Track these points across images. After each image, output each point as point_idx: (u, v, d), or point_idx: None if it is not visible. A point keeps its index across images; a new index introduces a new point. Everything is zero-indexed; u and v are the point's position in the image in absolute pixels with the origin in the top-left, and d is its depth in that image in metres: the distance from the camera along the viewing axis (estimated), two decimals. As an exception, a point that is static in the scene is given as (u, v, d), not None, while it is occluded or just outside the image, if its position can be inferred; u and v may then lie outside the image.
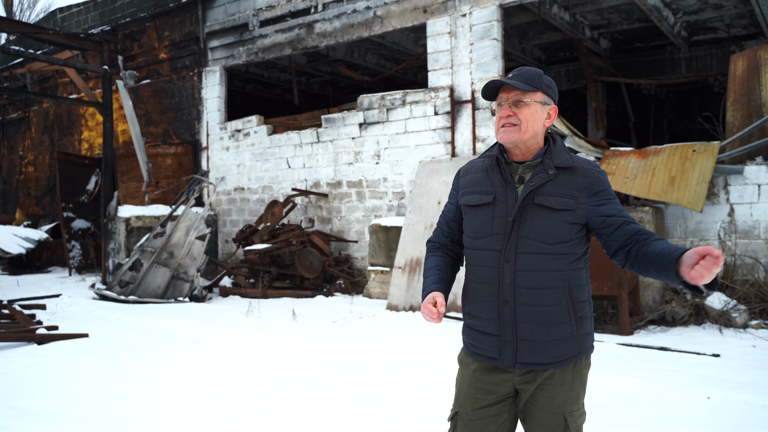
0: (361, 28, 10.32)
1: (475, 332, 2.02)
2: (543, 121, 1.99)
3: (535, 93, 1.97)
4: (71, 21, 15.92)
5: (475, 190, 2.04)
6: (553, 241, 1.90)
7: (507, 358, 1.93)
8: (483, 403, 1.98)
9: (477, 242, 2.00)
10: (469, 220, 2.04)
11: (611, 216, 1.92)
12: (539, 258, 1.90)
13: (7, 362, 5.55)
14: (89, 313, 8.36)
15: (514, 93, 1.96)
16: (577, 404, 1.95)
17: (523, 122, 1.94)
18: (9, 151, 18.11)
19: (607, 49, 12.93)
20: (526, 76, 1.99)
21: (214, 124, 12.41)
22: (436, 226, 2.21)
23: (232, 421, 3.89)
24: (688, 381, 4.62)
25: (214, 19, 12.47)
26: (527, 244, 1.91)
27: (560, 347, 1.91)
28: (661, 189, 6.86)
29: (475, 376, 2.01)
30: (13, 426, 3.80)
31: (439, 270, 2.09)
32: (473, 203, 2.02)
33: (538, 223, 1.91)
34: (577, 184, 1.93)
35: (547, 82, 2.01)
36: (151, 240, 9.92)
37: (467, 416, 1.99)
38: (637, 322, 6.75)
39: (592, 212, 1.92)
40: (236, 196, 12.02)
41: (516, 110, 1.96)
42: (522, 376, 1.95)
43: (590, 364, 2.03)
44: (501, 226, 1.94)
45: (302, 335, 6.66)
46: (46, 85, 16.48)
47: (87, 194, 13.98)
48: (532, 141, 1.99)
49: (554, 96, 2.03)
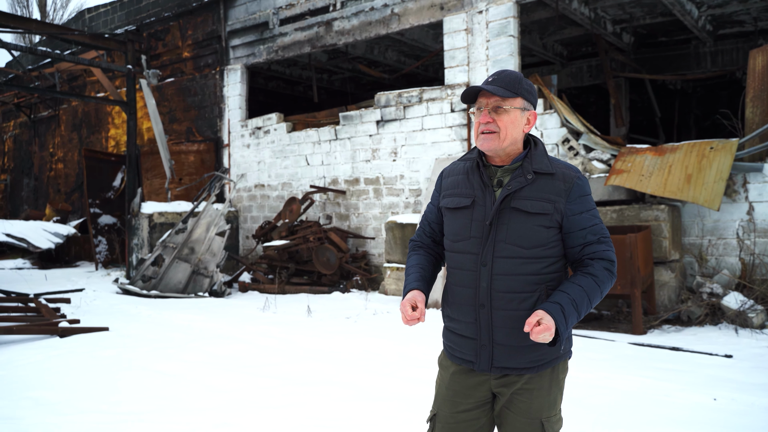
0: (378, 26, 10.36)
1: (454, 335, 2.05)
2: (522, 127, 1.98)
3: (515, 99, 1.95)
4: (98, 21, 16.27)
5: (455, 192, 2.04)
6: (530, 245, 1.91)
7: (483, 362, 1.95)
8: (461, 407, 1.99)
9: (456, 245, 2.02)
10: (449, 222, 2.05)
11: (581, 229, 1.93)
12: (516, 262, 1.91)
13: (30, 354, 5.76)
14: (112, 307, 8.58)
15: (494, 99, 1.95)
16: (554, 410, 1.96)
17: (503, 129, 1.93)
18: (40, 148, 18.61)
19: (630, 43, 12.74)
20: (506, 81, 1.96)
21: (236, 121, 12.59)
22: (419, 226, 2.22)
23: (237, 414, 3.99)
24: (696, 382, 4.58)
25: (235, 18, 12.63)
26: (504, 248, 1.91)
27: (536, 352, 1.92)
28: (677, 187, 6.77)
29: (454, 379, 2.03)
30: (29, 415, 3.96)
31: (420, 268, 2.10)
32: (452, 206, 2.03)
33: (515, 227, 1.91)
34: (555, 188, 1.93)
35: (527, 87, 1.99)
36: (173, 236, 10.13)
37: (445, 419, 2.01)
38: (651, 321, 6.68)
39: (567, 218, 1.93)
40: (257, 192, 12.19)
41: (495, 117, 1.94)
42: (499, 380, 1.96)
43: (568, 369, 2.04)
44: (479, 230, 1.95)
45: (315, 331, 6.75)
46: (75, 83, 16.88)
47: (113, 191, 14.31)
48: (512, 147, 1.98)
49: (534, 101, 2.02)
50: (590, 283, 1.88)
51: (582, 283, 1.88)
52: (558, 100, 8.47)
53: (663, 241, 6.89)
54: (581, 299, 1.85)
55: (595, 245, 1.93)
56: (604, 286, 1.91)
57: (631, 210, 7.09)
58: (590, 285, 1.88)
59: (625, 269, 6.24)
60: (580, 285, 1.87)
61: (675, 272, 6.98)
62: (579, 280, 1.89)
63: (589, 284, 1.88)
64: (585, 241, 1.93)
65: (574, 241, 1.94)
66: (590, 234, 1.93)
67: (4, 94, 18.87)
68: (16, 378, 4.91)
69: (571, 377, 4.69)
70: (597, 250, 1.92)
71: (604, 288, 1.91)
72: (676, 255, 7.10)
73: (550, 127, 8.33)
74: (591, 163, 7.66)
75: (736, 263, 7.03)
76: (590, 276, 1.89)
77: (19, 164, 19.61)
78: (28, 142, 19.13)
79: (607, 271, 1.91)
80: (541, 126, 8.41)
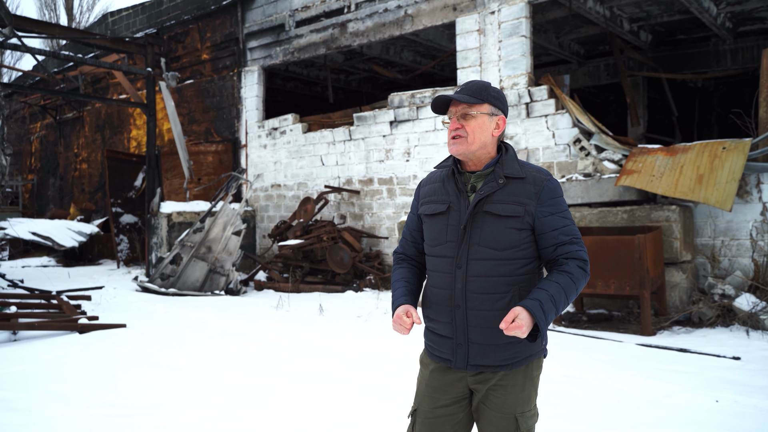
0: (392, 27, 10.44)
1: (432, 335, 2.14)
2: (492, 131, 2.07)
3: (481, 105, 2.05)
4: (121, 24, 16.60)
5: (432, 199, 2.14)
6: (502, 247, 1.99)
7: (459, 360, 2.04)
8: (439, 402, 2.08)
9: (433, 249, 2.11)
10: (427, 228, 2.15)
11: (553, 230, 2.00)
12: (489, 264, 1.99)
13: (50, 349, 5.96)
14: (131, 304, 8.80)
15: (462, 106, 2.05)
16: (529, 405, 2.04)
17: (470, 134, 2.03)
18: (65, 148, 19.05)
19: (647, 41, 12.63)
20: (472, 89, 2.07)
21: (253, 122, 12.77)
22: (402, 236, 2.32)
23: (244, 410, 4.11)
24: (700, 383, 4.58)
25: (252, 20, 12.81)
26: (478, 251, 2.00)
27: (510, 351, 2.01)
28: (688, 187, 6.74)
29: (433, 376, 2.12)
30: (44, 408, 4.13)
31: (406, 282, 2.20)
32: (430, 212, 2.12)
33: (488, 231, 2.00)
34: (526, 191, 2.01)
35: (494, 93, 2.08)
36: (191, 235, 10.33)
37: (425, 414, 2.10)
38: (662, 322, 6.66)
39: (538, 220, 2.01)
40: (273, 192, 12.35)
41: (464, 122, 2.04)
42: (475, 377, 2.05)
43: (542, 367, 2.12)
44: (454, 234, 2.04)
45: (326, 329, 6.86)
46: (99, 85, 17.25)
47: (134, 190, 14.61)
48: (482, 152, 2.07)
49: (502, 107, 2.10)
50: (567, 280, 1.96)
51: (559, 281, 1.96)
52: (569, 100, 8.46)
53: (674, 241, 6.87)
54: (559, 296, 1.93)
55: (568, 245, 2.01)
56: (579, 284, 1.99)
57: (642, 210, 7.07)
58: (567, 282, 1.96)
59: (634, 270, 6.24)
60: (557, 282, 1.96)
61: (686, 273, 6.95)
62: (556, 277, 1.97)
63: (566, 281, 1.96)
64: (558, 242, 2.01)
65: (547, 242, 2.02)
66: (562, 234, 2.01)
67: (31, 97, 19.36)
68: (36, 372, 5.10)
69: (573, 377, 4.74)
70: (570, 250, 2.01)
71: (579, 285, 1.99)
72: (688, 256, 7.06)
73: (561, 127, 8.33)
74: (602, 163, 7.65)
75: (749, 264, 6.97)
76: (566, 274, 1.98)
77: (45, 164, 20.10)
78: (54, 142, 19.60)
79: (581, 269, 2.00)
80: (553, 126, 8.41)
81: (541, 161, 8.51)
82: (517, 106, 8.80)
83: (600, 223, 7.37)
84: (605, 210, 7.36)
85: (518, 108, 8.78)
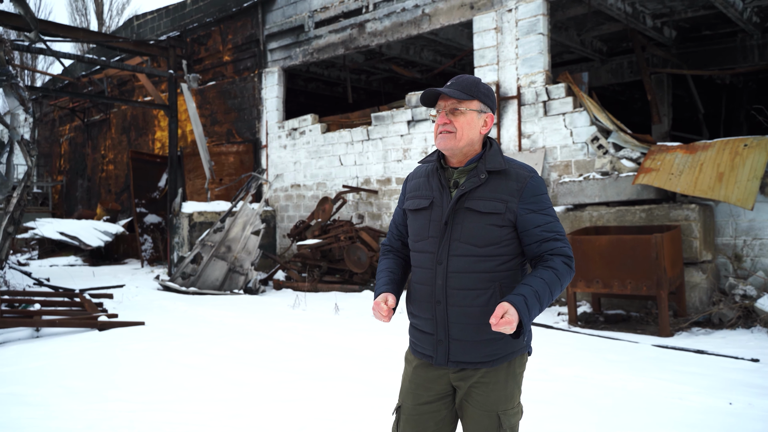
0: (410, 27, 10.43)
1: (416, 331, 2.13)
2: (479, 128, 2.05)
3: (471, 101, 2.03)
4: (146, 27, 16.90)
5: (416, 194, 2.13)
6: (483, 244, 1.97)
7: (440, 357, 2.03)
8: (422, 399, 2.07)
9: (416, 245, 2.10)
10: (411, 223, 2.14)
11: (536, 227, 1.98)
12: (469, 260, 1.97)
13: (69, 346, 6.09)
14: (151, 302, 8.95)
15: (451, 102, 2.03)
16: (511, 403, 2.02)
17: (459, 130, 2.01)
18: (93, 150, 19.46)
19: (671, 38, 12.39)
20: (463, 84, 2.05)
21: (273, 123, 12.89)
22: (389, 230, 2.32)
23: (251, 406, 4.15)
24: (714, 385, 4.48)
25: (272, 22, 12.93)
26: (458, 247, 1.99)
27: (491, 347, 1.99)
28: (707, 186, 6.60)
29: (416, 372, 2.11)
30: (59, 403, 4.22)
31: (390, 272, 2.20)
32: (413, 207, 2.12)
33: (468, 227, 1.98)
34: (508, 188, 1.99)
35: (484, 90, 2.06)
36: (211, 234, 10.47)
37: (408, 411, 2.10)
38: (681, 323, 6.54)
39: (521, 217, 1.99)
40: (293, 192, 12.44)
41: (452, 118, 2.02)
42: (456, 374, 2.03)
43: (525, 364, 2.09)
44: (436, 230, 2.03)
45: (340, 328, 6.89)
46: (125, 88, 17.59)
47: (158, 191, 14.86)
48: (468, 148, 2.05)
49: (491, 104, 2.08)
50: (552, 276, 1.94)
51: (544, 276, 1.94)
52: (587, 97, 8.35)
53: (694, 241, 6.73)
54: (543, 292, 1.91)
55: (552, 242, 1.98)
56: (564, 280, 1.97)
57: (661, 209, 6.95)
58: (552, 278, 1.94)
59: (650, 270, 6.13)
60: (542, 278, 1.93)
61: (707, 273, 6.80)
62: (541, 273, 1.95)
63: (550, 277, 1.94)
64: (541, 238, 1.99)
65: (531, 239, 2.00)
66: (545, 231, 1.98)
67: (60, 100, 19.82)
68: (54, 368, 5.22)
69: (584, 378, 4.68)
70: (555, 247, 1.98)
71: (564, 281, 1.97)
72: (708, 256, 6.91)
73: (579, 125, 8.22)
74: (620, 161, 7.53)
75: (772, 264, 6.79)
76: (551, 269, 1.96)
77: (73, 166, 20.56)
78: (82, 144, 20.04)
79: (566, 265, 1.98)
80: (571, 124, 8.31)
81: (559, 160, 8.42)
82: (534, 105, 8.71)
83: (618, 222, 7.26)
84: (623, 209, 7.24)
85: (535, 106, 8.70)
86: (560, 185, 7.90)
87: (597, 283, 6.51)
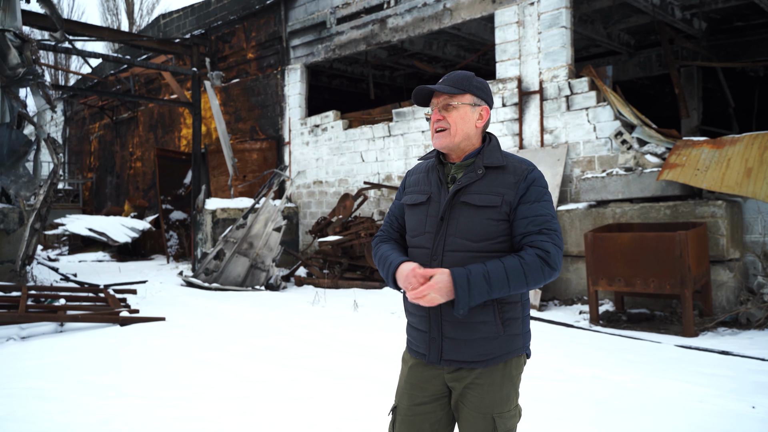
0: (431, 21, 10.34)
1: (411, 329, 2.09)
2: (474, 122, 2.01)
3: (463, 95, 1.99)
4: (172, 26, 17.11)
5: (415, 190, 2.10)
6: (478, 239, 1.92)
7: (433, 355, 1.98)
8: (417, 400, 2.03)
9: (413, 240, 2.06)
10: (408, 218, 2.10)
11: (524, 218, 1.91)
12: (465, 256, 1.92)
13: (91, 341, 6.19)
14: (174, 298, 9.06)
15: (443, 97, 2.00)
16: (508, 405, 1.96)
17: (452, 125, 1.98)
18: (121, 147, 19.81)
19: (702, 30, 12.06)
20: (454, 79, 2.01)
21: (296, 119, 12.92)
22: (384, 224, 2.26)
23: (262, 404, 4.15)
24: (737, 388, 4.34)
25: (295, 19, 12.96)
26: (453, 242, 1.94)
27: (485, 346, 1.93)
28: (735, 182, 6.39)
29: (411, 372, 2.07)
30: (75, 397, 4.29)
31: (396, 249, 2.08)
32: (411, 202, 2.09)
33: (464, 221, 1.94)
34: (505, 182, 1.94)
35: (477, 84, 2.02)
36: (234, 231, 10.55)
37: (404, 411, 2.05)
38: (706, 323, 6.36)
39: (513, 210, 1.93)
40: (315, 189, 12.47)
41: (446, 114, 1.99)
42: (451, 374, 1.99)
43: (522, 366, 2.03)
44: (433, 225, 1.99)
45: (358, 326, 6.87)
46: (152, 86, 17.84)
47: (184, 187, 15.05)
48: (465, 143, 2.01)
49: (486, 97, 2.03)
50: (515, 264, 1.84)
51: (506, 263, 1.84)
52: (611, 91, 8.17)
53: (720, 238, 6.53)
54: (498, 277, 1.82)
55: (535, 235, 1.89)
56: (532, 274, 1.84)
57: (686, 206, 6.76)
58: (514, 267, 1.83)
59: (674, 268, 5.97)
60: (502, 263, 1.84)
61: (734, 272, 6.60)
62: (505, 259, 1.86)
63: (513, 266, 1.84)
64: (525, 231, 1.91)
65: (516, 231, 1.92)
66: (532, 225, 1.90)
67: (89, 98, 20.21)
68: (74, 363, 5.31)
69: (601, 378, 4.58)
70: (534, 240, 1.89)
71: (532, 276, 1.84)
72: (736, 254, 6.70)
73: (602, 120, 8.05)
74: (644, 157, 7.35)
75: (803, 263, 6.56)
76: (518, 258, 1.85)
77: (103, 163, 20.96)
78: (111, 142, 20.41)
79: (539, 259, 1.85)
80: (594, 119, 8.14)
81: (582, 156, 8.26)
82: (556, 99, 8.56)
83: (641, 219, 7.09)
84: (647, 206, 7.07)
85: (558, 101, 8.54)
86: (583, 181, 7.74)
87: (619, 281, 6.37)
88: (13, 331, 6.67)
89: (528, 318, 2.04)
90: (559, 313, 7.45)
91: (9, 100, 8.62)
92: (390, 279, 2.01)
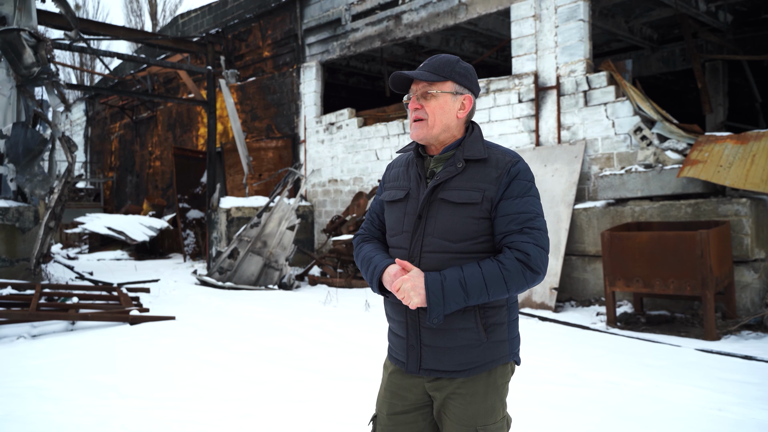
0: (446, 17, 10.17)
1: (392, 334, 1.95)
2: (456, 112, 1.83)
3: (443, 83, 1.81)
4: (190, 25, 17.17)
5: (394, 185, 1.94)
6: (457, 239, 1.76)
7: (412, 364, 1.83)
8: (396, 408, 1.90)
9: (392, 240, 1.92)
10: (387, 216, 1.95)
11: (505, 215, 1.74)
12: (443, 257, 1.76)
13: (99, 340, 6.17)
14: (186, 297, 9.04)
15: (422, 85, 1.83)
16: (493, 417, 1.80)
17: (431, 116, 1.81)
18: (141, 147, 19.97)
19: (727, 23, 11.69)
20: (435, 65, 1.83)
21: (311, 117, 12.85)
22: (366, 221, 2.11)
23: (263, 406, 4.05)
24: (760, 396, 4.12)
25: (310, 16, 12.88)
26: (432, 243, 1.78)
27: (466, 355, 1.78)
28: (760, 179, 6.13)
29: (390, 380, 1.93)
30: (76, 397, 4.24)
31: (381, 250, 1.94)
32: (389, 199, 1.93)
33: (443, 220, 1.77)
34: (487, 176, 1.77)
35: (461, 70, 1.84)
36: (248, 230, 10.51)
37: (383, 421, 1.92)
38: (729, 326, 6.11)
39: (494, 207, 1.76)
40: (330, 187, 12.39)
41: (424, 102, 1.82)
42: (432, 383, 1.84)
43: (509, 374, 1.87)
44: (410, 224, 1.84)
45: (369, 326, 6.75)
46: (170, 85, 17.94)
47: (200, 186, 15.08)
48: (445, 135, 1.84)
49: (469, 84, 1.86)
50: (493, 269, 1.68)
51: (484, 268, 1.68)
52: (630, 86, 7.92)
53: (744, 238, 6.27)
54: (475, 283, 1.66)
55: (516, 235, 1.72)
56: (512, 279, 1.68)
57: (708, 204, 6.51)
58: (493, 272, 1.67)
59: (695, 268, 5.74)
60: (480, 268, 1.69)
61: (759, 272, 6.34)
62: (483, 263, 1.70)
63: (491, 271, 1.67)
64: (506, 230, 1.74)
65: (497, 229, 1.76)
66: (514, 223, 1.73)
67: (110, 98, 20.41)
68: (79, 362, 5.27)
69: (615, 384, 4.39)
70: (515, 240, 1.71)
71: (512, 281, 1.68)
72: (761, 254, 6.44)
73: (621, 115, 7.81)
74: (664, 153, 7.10)
75: (833, 264, 6.27)
76: (497, 262, 1.69)
77: (123, 162, 21.16)
78: (131, 141, 20.58)
79: (519, 262, 1.69)
80: (613, 115, 7.91)
81: (600, 152, 8.03)
82: (574, 95, 8.34)
83: (662, 217, 6.85)
84: (667, 204, 6.83)
85: (575, 96, 8.32)
86: (600, 179, 7.52)
87: (637, 282, 6.15)
88: (25, 329, 6.69)
89: (516, 322, 1.87)
90: (575, 314, 7.24)
91: (24, 99, 8.67)
92: (375, 283, 1.87)
